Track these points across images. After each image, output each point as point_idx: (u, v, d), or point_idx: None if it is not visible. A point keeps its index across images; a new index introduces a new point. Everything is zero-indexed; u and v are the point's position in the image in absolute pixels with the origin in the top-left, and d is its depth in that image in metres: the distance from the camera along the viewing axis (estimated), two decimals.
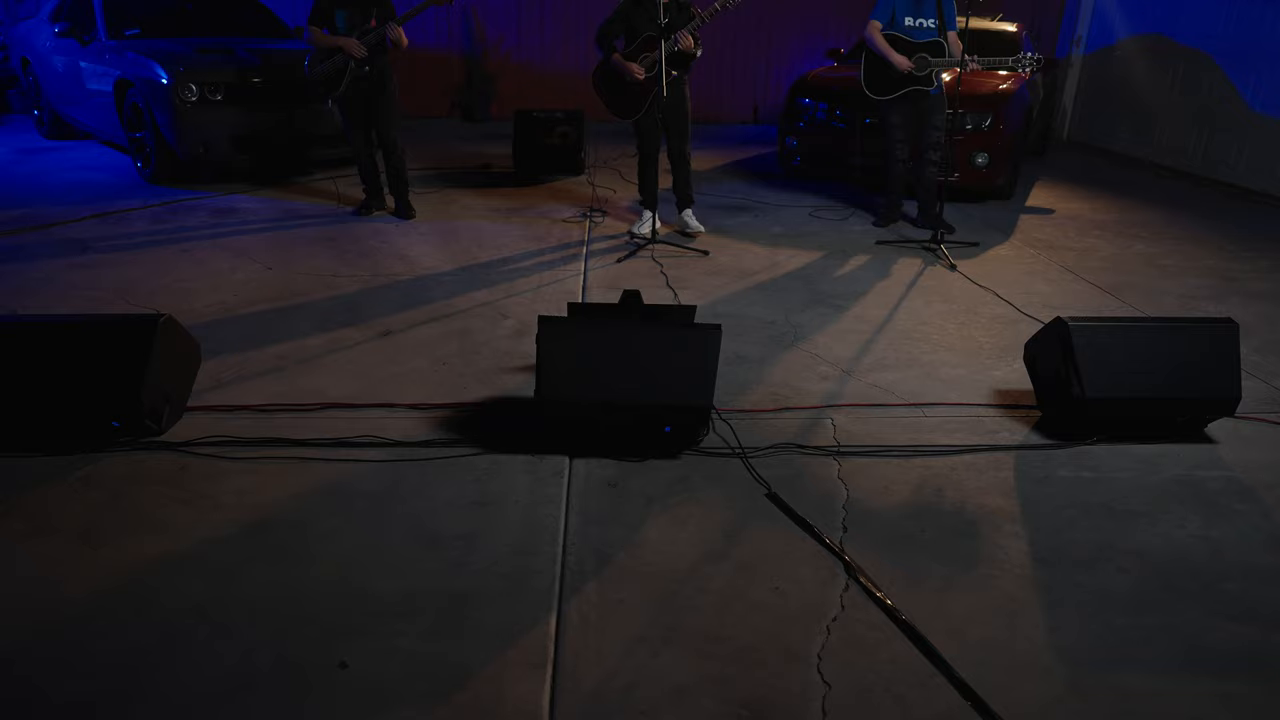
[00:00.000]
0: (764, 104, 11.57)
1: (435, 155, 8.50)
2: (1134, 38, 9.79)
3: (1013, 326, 4.31)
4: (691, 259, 5.29)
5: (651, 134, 5.46)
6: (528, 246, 5.49)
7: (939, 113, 5.79)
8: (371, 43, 5.70)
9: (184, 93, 6.44)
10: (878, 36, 5.68)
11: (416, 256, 5.22)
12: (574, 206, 6.54)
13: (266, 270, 4.90)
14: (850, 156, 7.04)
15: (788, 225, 6.19)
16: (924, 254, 5.51)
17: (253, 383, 3.49)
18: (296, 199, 6.57)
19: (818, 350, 3.95)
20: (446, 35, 11.13)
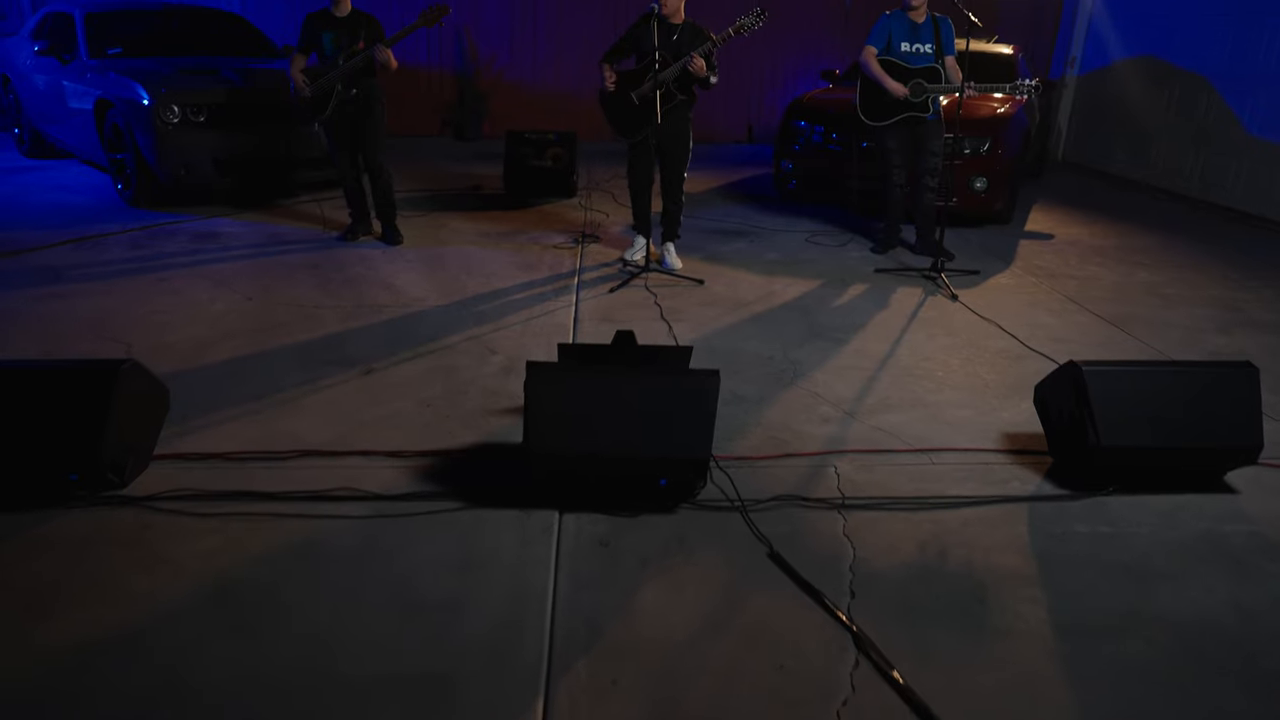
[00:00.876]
0: (758, 124, 11.48)
1: (425, 175, 8.35)
2: (1129, 59, 9.73)
3: (1018, 362, 4.17)
4: (686, 288, 5.15)
5: (646, 159, 5.31)
6: (518, 275, 5.33)
7: (936, 138, 5.68)
8: (358, 65, 5.56)
9: (165, 114, 6.27)
10: (873, 62, 5.57)
11: (403, 286, 5.06)
12: (566, 231, 6.39)
13: (246, 301, 4.73)
14: (847, 180, 6.92)
15: (784, 251, 6.05)
16: (924, 283, 5.37)
17: (225, 427, 3.31)
18: (281, 223, 6.40)
19: (818, 389, 3.80)
20: (439, 54, 11.01)
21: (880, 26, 5.60)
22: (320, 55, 5.68)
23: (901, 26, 5.57)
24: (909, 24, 5.57)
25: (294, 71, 5.65)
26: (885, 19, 5.62)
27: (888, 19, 5.61)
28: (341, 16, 5.62)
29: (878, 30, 5.60)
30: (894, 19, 5.60)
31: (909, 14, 5.56)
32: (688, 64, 4.95)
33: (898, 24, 5.58)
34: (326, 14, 5.64)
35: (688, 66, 4.95)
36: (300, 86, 5.63)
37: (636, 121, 5.16)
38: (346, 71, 5.56)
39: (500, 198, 7.42)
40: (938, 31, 5.55)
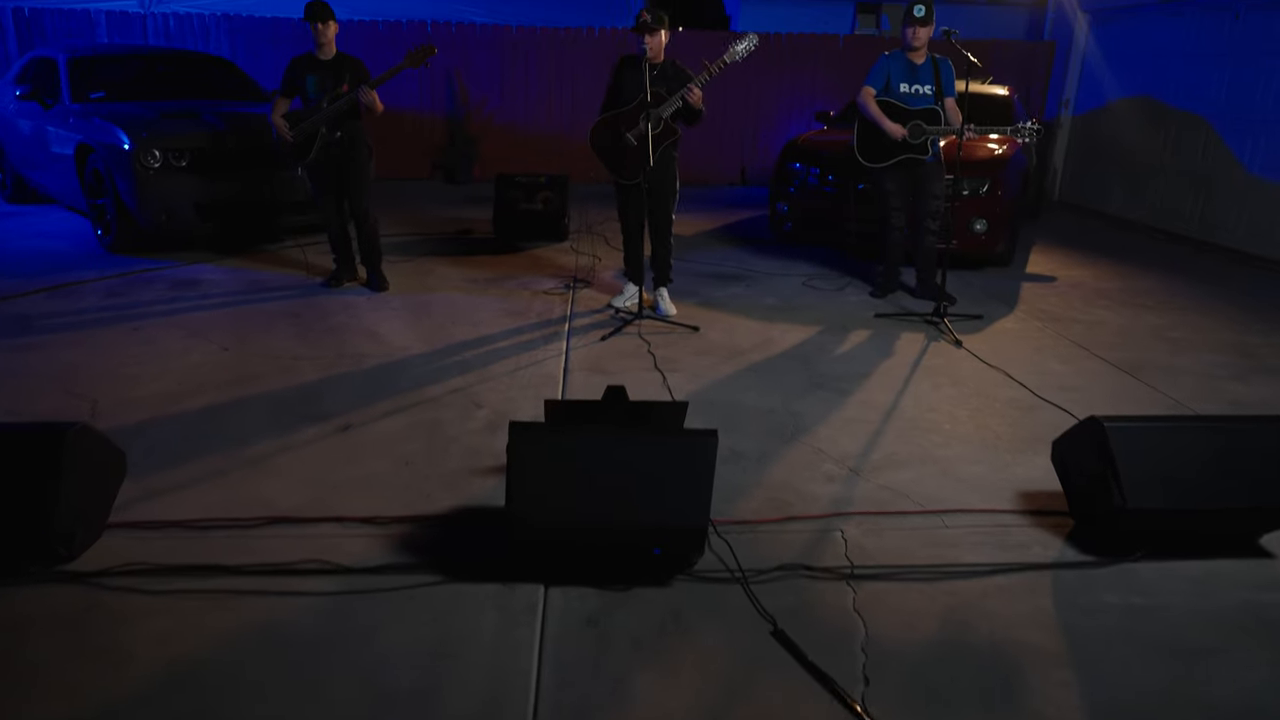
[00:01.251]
0: (751, 166, 11.41)
1: (414, 220, 8.21)
2: (1124, 100, 9.70)
3: (1030, 413, 3.98)
4: (680, 336, 4.96)
5: (637, 201, 5.16)
6: (506, 322, 5.15)
7: (937, 180, 5.55)
8: (343, 107, 5.43)
9: (146, 158, 6.13)
10: (871, 103, 5.46)
11: (386, 335, 4.87)
12: (556, 277, 6.22)
13: (222, 352, 4.53)
14: (843, 223, 6.79)
15: (781, 296, 5.89)
16: (926, 328, 5.20)
17: (189, 490, 3.09)
18: (264, 269, 6.23)
19: (821, 444, 3.60)
20: (429, 97, 10.96)
21: (879, 67, 5.50)
22: (304, 99, 5.55)
23: (900, 67, 5.47)
24: (908, 65, 5.47)
25: (275, 116, 5.52)
26: (884, 59, 5.52)
27: (886, 59, 5.51)
28: (326, 59, 5.50)
29: (876, 71, 5.50)
30: (893, 59, 5.50)
31: (908, 55, 5.46)
32: (685, 95, 4.82)
33: (896, 65, 5.48)
34: (310, 57, 5.53)
35: (685, 98, 4.83)
36: (282, 130, 5.50)
37: (634, 162, 5.01)
38: (330, 114, 5.43)
39: (490, 242, 7.28)
40: (937, 73, 5.45)
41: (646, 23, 4.84)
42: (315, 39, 5.45)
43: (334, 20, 5.48)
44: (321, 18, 5.40)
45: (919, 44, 5.38)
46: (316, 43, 5.47)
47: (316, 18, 5.39)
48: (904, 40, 5.42)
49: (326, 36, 5.45)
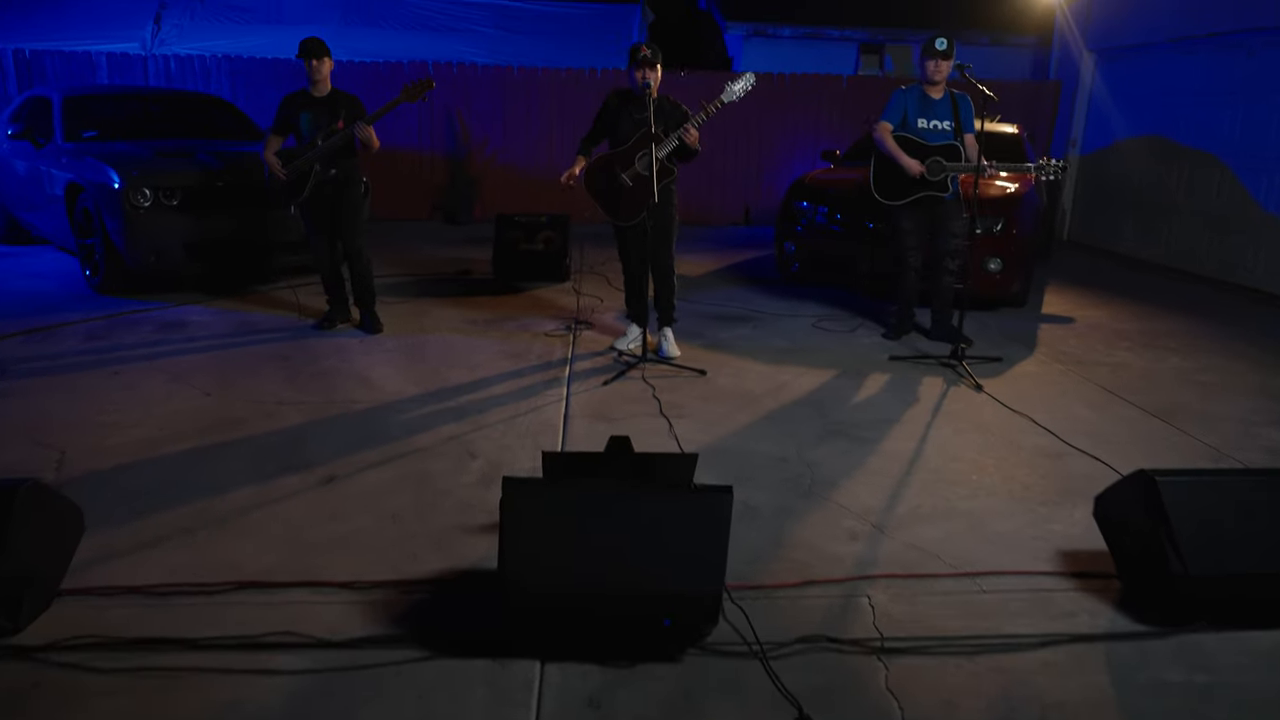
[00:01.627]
0: (755, 205, 11.28)
1: (412, 260, 8.03)
2: (1133, 139, 9.58)
3: (1060, 461, 3.73)
4: (687, 380, 4.73)
5: (638, 241, 4.96)
6: (504, 365, 4.92)
7: (956, 218, 5.36)
8: (337, 144, 5.26)
9: (135, 197, 5.96)
10: (888, 138, 5.29)
11: (378, 379, 4.64)
12: (556, 318, 6.01)
13: (204, 397, 4.30)
14: (853, 262, 6.61)
15: (791, 338, 5.67)
16: (944, 371, 4.97)
17: (154, 550, 2.84)
18: (255, 310, 6.02)
19: (841, 497, 3.34)
20: (429, 137, 10.87)
21: (896, 102, 5.34)
22: (297, 136, 5.40)
23: (918, 102, 5.31)
24: (926, 100, 5.31)
25: (267, 154, 5.36)
26: (900, 94, 5.36)
27: (903, 94, 5.35)
28: (320, 96, 5.35)
29: (893, 105, 5.34)
30: (909, 94, 5.34)
31: (926, 90, 5.30)
32: (683, 135, 4.66)
33: (914, 99, 5.32)
34: (304, 94, 5.38)
35: (682, 138, 4.66)
36: (274, 168, 5.33)
37: (633, 203, 4.83)
38: (324, 152, 5.26)
39: (489, 283, 7.08)
40: (956, 108, 5.29)
41: (648, 57, 4.70)
42: (309, 76, 5.31)
43: (329, 57, 5.35)
44: (316, 54, 5.27)
45: (939, 78, 5.22)
46: (311, 80, 5.33)
47: (311, 54, 5.26)
48: (923, 74, 5.27)
49: (321, 73, 5.31)
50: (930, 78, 5.24)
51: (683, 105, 4.85)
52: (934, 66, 5.17)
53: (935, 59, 5.15)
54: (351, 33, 11.92)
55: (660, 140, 4.67)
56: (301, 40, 5.33)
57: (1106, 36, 10.06)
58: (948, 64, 5.18)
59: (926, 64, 5.21)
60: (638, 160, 4.79)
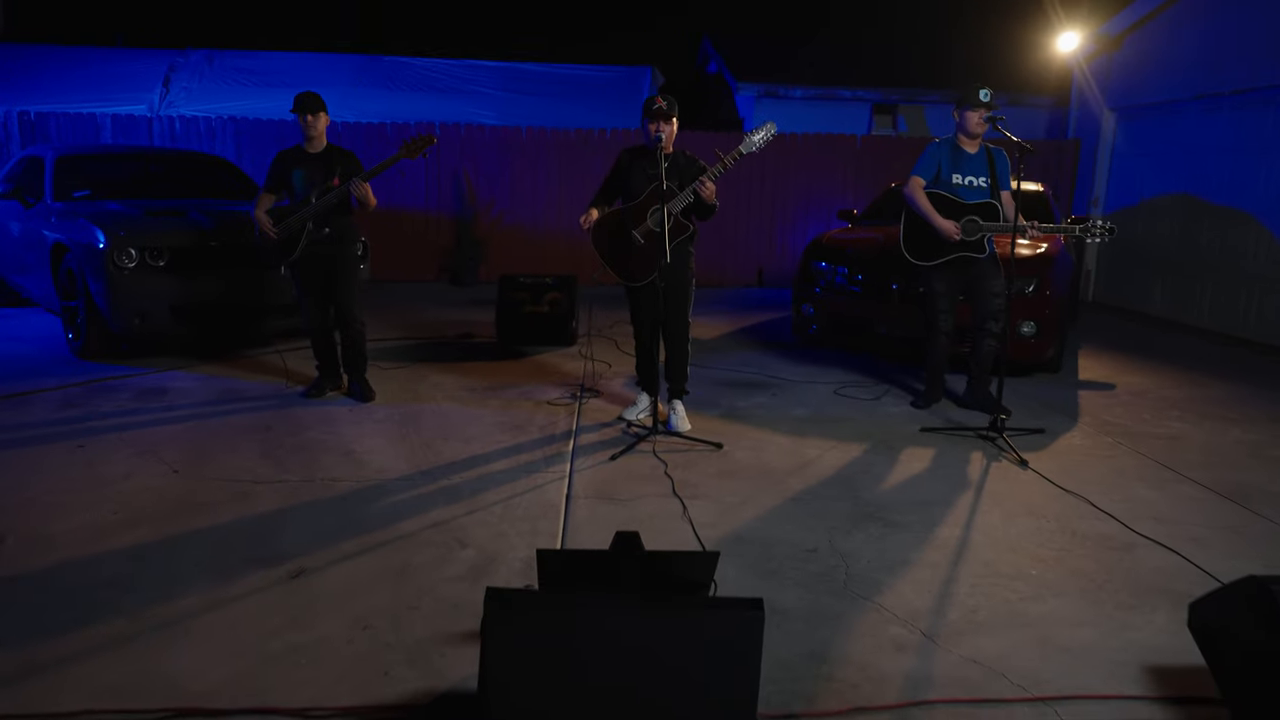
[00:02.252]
0: (769, 266, 10.99)
1: (412, 323, 7.71)
2: (1160, 198, 9.27)
3: (1129, 553, 3.29)
4: (702, 454, 4.33)
5: (650, 303, 4.60)
6: (503, 439, 4.53)
7: (995, 278, 4.98)
8: (332, 202, 4.97)
9: (120, 257, 5.67)
10: (920, 196, 4.95)
11: (365, 453, 4.25)
12: (562, 386, 5.64)
13: (171, 474, 3.92)
14: (874, 325, 6.24)
15: (812, 407, 5.27)
16: (983, 445, 4.55)
17: (82, 664, 2.42)
18: (241, 377, 5.67)
19: (883, 597, 2.90)
20: (436, 198, 10.67)
21: (928, 156, 5.02)
22: (290, 194, 5.12)
23: (951, 156, 4.99)
24: (960, 154, 5.00)
25: (258, 212, 5.08)
26: (933, 148, 5.05)
27: (936, 148, 5.04)
28: (315, 153, 5.09)
29: (926, 160, 5.02)
30: (943, 148, 5.03)
31: (960, 143, 5.00)
32: (698, 189, 4.34)
33: (947, 154, 5.00)
34: (298, 150, 5.12)
35: (698, 191, 4.35)
36: (265, 226, 5.04)
37: (644, 262, 4.50)
38: (318, 210, 4.97)
39: (491, 347, 6.74)
40: (992, 163, 4.98)
41: (663, 109, 4.41)
42: (304, 131, 5.06)
43: (325, 112, 5.10)
44: (312, 109, 5.02)
45: (981, 131, 4.91)
46: (305, 135, 5.07)
47: (306, 109, 5.01)
48: (962, 126, 4.96)
49: (316, 129, 5.06)
50: (971, 131, 4.93)
51: (699, 159, 4.56)
52: (976, 119, 4.86)
53: (979, 110, 4.84)
54: (359, 94, 11.86)
55: (674, 195, 4.36)
56: (296, 95, 5.10)
57: (1127, 95, 9.85)
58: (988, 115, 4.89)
59: (967, 116, 4.90)
60: (650, 216, 4.47)
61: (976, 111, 4.89)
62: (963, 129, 4.98)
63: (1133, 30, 9.63)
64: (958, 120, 5.01)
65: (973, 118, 4.91)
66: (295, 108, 5.03)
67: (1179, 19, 9.03)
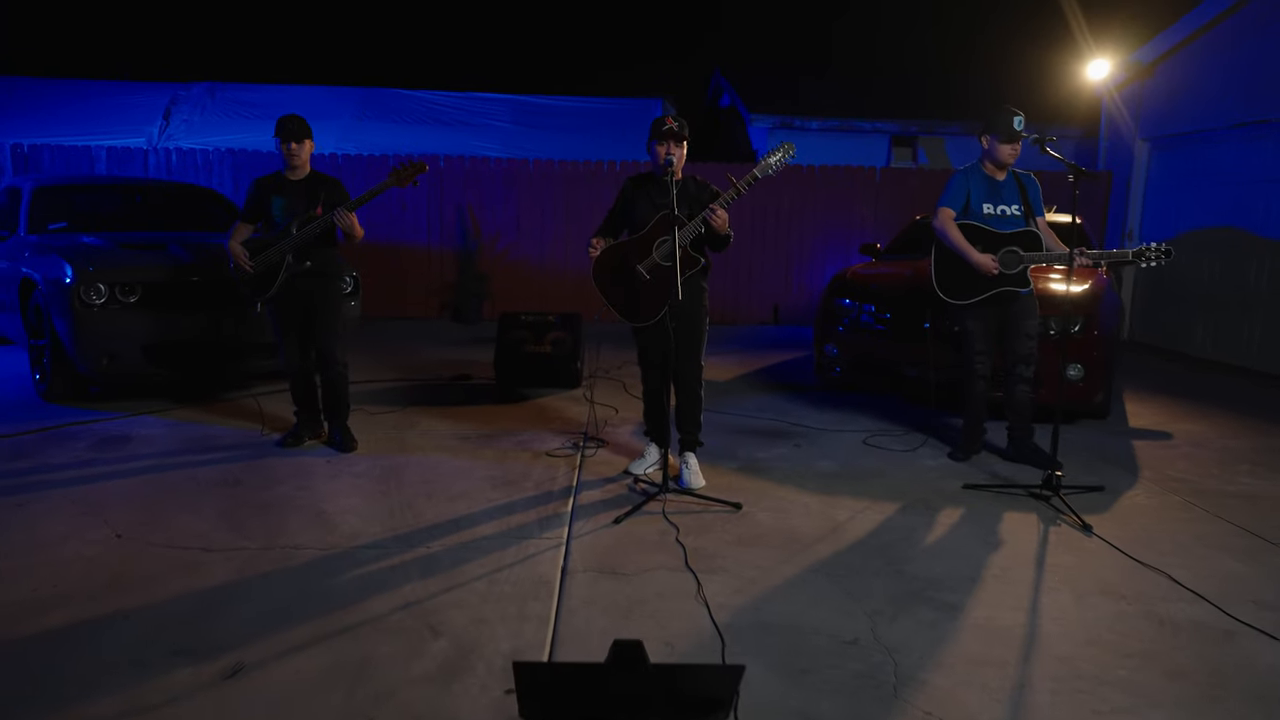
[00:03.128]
0: (785, 303, 10.53)
1: (408, 363, 7.26)
2: (1200, 231, 8.78)
3: (1232, 645, 2.75)
4: (718, 516, 3.82)
5: (660, 344, 4.12)
6: (495, 496, 4.04)
7: (1031, 318, 4.53)
8: (314, 233, 4.55)
9: (88, 294, 5.25)
10: (952, 228, 4.49)
11: (337, 514, 3.76)
12: (563, 433, 5.15)
13: (114, 539, 3.44)
14: (903, 367, 5.74)
15: (840, 459, 4.75)
16: (1036, 505, 4.02)
17: None
18: (215, 422, 5.22)
19: (941, 709, 2.37)
20: (438, 232, 10.29)
21: (956, 185, 4.58)
22: (269, 224, 4.70)
23: (981, 185, 4.55)
24: (989, 182, 4.56)
25: (233, 244, 4.66)
26: (961, 176, 4.61)
27: (964, 176, 4.60)
28: (297, 180, 4.68)
29: (953, 190, 4.57)
30: (971, 176, 4.59)
31: (988, 170, 4.56)
32: (708, 217, 3.88)
33: (977, 182, 4.56)
34: (279, 177, 4.72)
35: (709, 220, 3.89)
36: (239, 258, 4.61)
37: (651, 300, 4.04)
38: (299, 241, 4.55)
39: (490, 390, 6.27)
40: (1023, 190, 4.55)
41: (673, 130, 3.98)
42: (286, 159, 4.65)
43: (310, 139, 4.70)
44: (296, 136, 4.62)
45: (1010, 162, 4.50)
46: (288, 164, 4.66)
47: (291, 136, 4.61)
48: (991, 155, 4.52)
49: (300, 158, 4.66)
50: (1001, 160, 4.50)
51: (711, 185, 4.12)
52: (1009, 151, 4.47)
53: (1015, 141, 4.42)
54: (363, 127, 11.59)
55: (683, 224, 3.90)
56: (280, 118, 4.70)
57: (1160, 124, 9.40)
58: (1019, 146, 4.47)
59: (999, 148, 4.46)
60: (656, 248, 4.02)
61: (1010, 145, 4.46)
62: (992, 158, 4.55)
63: (1166, 58, 9.22)
64: (986, 148, 4.58)
65: (1005, 150, 4.48)
66: (278, 132, 4.63)
67: (1215, 45, 8.61)
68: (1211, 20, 8.53)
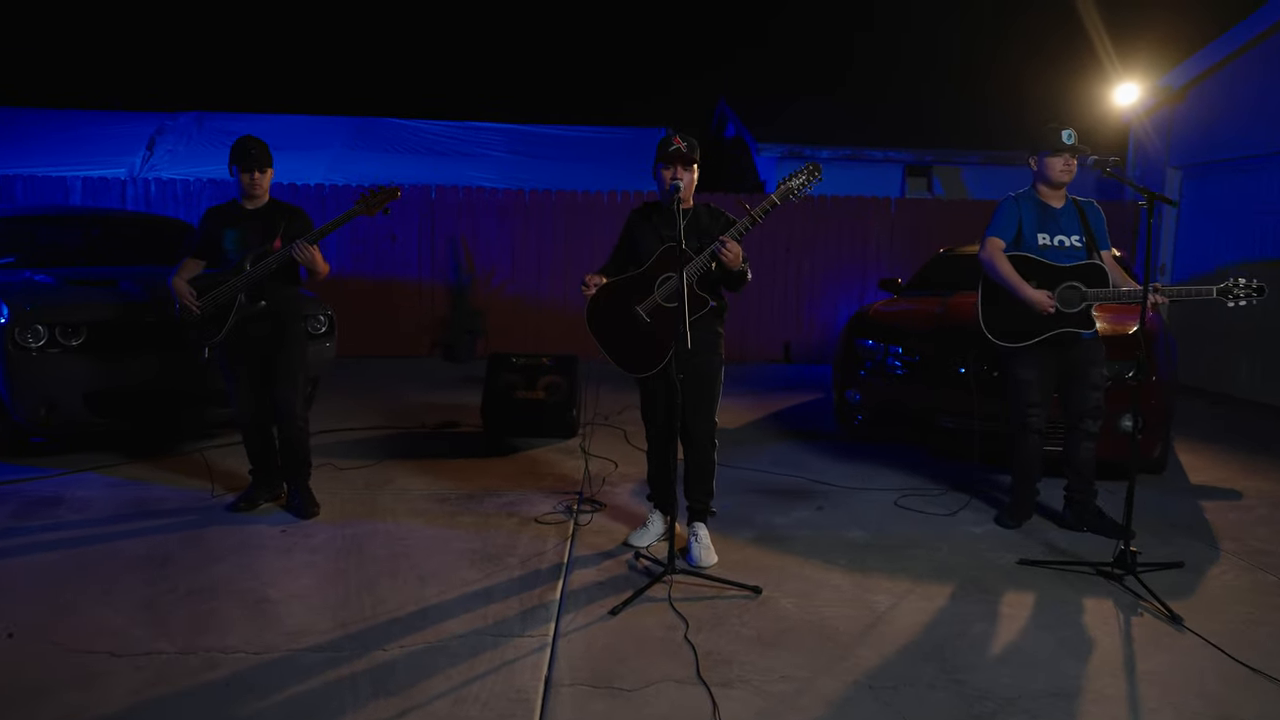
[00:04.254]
0: (797, 341, 9.96)
1: (391, 408, 6.68)
2: (1242, 264, 8.21)
3: None
4: (733, 603, 3.21)
5: (665, 397, 3.54)
6: (470, 577, 3.43)
7: (1097, 365, 3.98)
8: (270, 268, 4.00)
9: (24, 336, 4.70)
10: (1001, 260, 3.93)
11: (282, 602, 3.16)
12: (555, 494, 4.55)
13: (4, 638, 2.84)
14: (937, 416, 5.14)
15: (871, 525, 4.15)
16: (1108, 586, 3.41)
17: None
18: (164, 480, 4.63)
19: None
20: (430, 266, 9.76)
21: (1005, 212, 4.02)
22: (221, 259, 4.15)
23: (1035, 212, 4.00)
24: (1044, 209, 4.01)
25: (176, 281, 4.11)
26: (1011, 203, 4.06)
27: (1014, 203, 4.05)
28: (254, 209, 4.14)
29: (1002, 217, 4.02)
30: (1023, 202, 4.04)
31: (1042, 196, 4.02)
32: (718, 250, 3.32)
33: (1029, 209, 4.01)
34: (234, 206, 4.18)
35: (719, 254, 3.32)
36: (184, 299, 4.06)
37: (652, 347, 3.47)
38: (253, 278, 3.99)
39: (477, 439, 5.68)
40: (1084, 218, 4.00)
41: (681, 151, 3.44)
42: (245, 190, 4.10)
43: (271, 168, 4.15)
44: (261, 165, 4.08)
45: (1068, 179, 3.96)
46: (246, 193, 4.11)
47: (255, 165, 4.06)
48: (1042, 176, 3.99)
49: (261, 187, 4.11)
50: (1054, 180, 3.95)
51: (726, 214, 3.56)
52: (1061, 165, 3.91)
53: (1064, 154, 3.88)
54: (355, 157, 11.14)
55: (690, 259, 3.34)
56: (238, 142, 4.14)
57: (1193, 151, 8.88)
58: (1075, 163, 3.93)
59: (1049, 163, 3.93)
60: (658, 287, 3.46)
61: (1059, 156, 3.93)
62: (1043, 179, 4.01)
63: (1198, 81, 8.72)
64: (1036, 169, 4.05)
65: (1055, 164, 3.94)
66: (236, 159, 4.08)
67: (1252, 68, 8.11)
68: (1248, 42, 8.05)
